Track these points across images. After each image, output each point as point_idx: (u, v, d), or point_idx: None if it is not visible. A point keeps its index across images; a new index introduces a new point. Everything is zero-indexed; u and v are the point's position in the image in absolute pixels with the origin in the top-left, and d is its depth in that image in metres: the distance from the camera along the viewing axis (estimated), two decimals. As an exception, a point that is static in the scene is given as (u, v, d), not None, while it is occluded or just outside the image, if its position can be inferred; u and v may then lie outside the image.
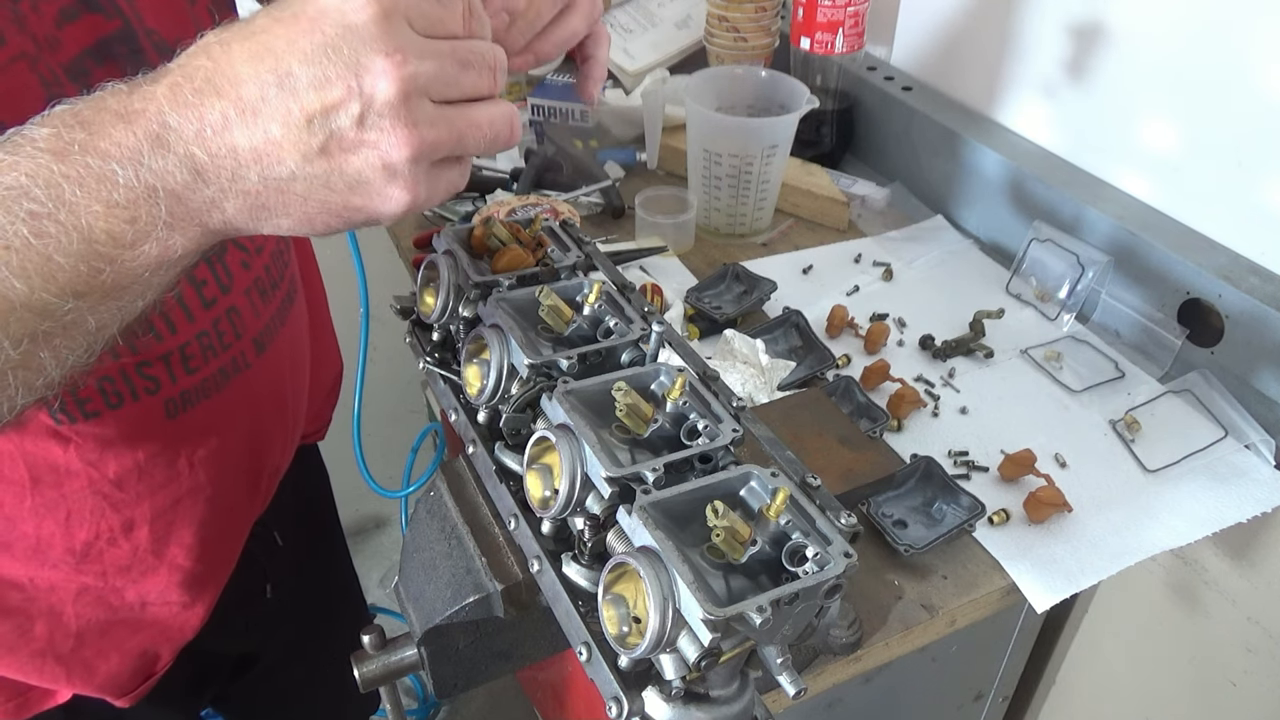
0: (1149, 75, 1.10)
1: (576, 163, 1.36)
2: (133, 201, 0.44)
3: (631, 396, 0.59)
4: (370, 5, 0.44)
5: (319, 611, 1.12)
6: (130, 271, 0.46)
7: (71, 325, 0.46)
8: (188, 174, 0.45)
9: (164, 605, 0.81)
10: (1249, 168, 1.02)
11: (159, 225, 0.45)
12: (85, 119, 0.44)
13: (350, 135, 0.45)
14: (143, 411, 0.71)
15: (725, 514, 0.51)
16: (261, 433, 0.85)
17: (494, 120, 0.50)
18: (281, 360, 0.84)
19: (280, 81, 0.44)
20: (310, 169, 0.46)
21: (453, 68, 0.47)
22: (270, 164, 0.45)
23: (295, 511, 0.98)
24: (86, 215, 0.44)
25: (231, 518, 0.85)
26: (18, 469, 0.69)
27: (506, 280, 0.71)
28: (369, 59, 0.44)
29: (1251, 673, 1.08)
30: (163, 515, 0.76)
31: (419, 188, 0.48)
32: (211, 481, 0.79)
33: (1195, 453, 0.98)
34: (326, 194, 0.47)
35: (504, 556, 0.67)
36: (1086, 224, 1.15)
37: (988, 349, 1.11)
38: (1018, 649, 1.12)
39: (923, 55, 1.42)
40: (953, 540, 0.87)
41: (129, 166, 0.44)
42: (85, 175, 0.44)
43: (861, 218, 1.36)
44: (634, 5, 1.60)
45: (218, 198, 0.46)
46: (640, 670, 0.54)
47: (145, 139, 0.44)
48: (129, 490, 0.74)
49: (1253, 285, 1.00)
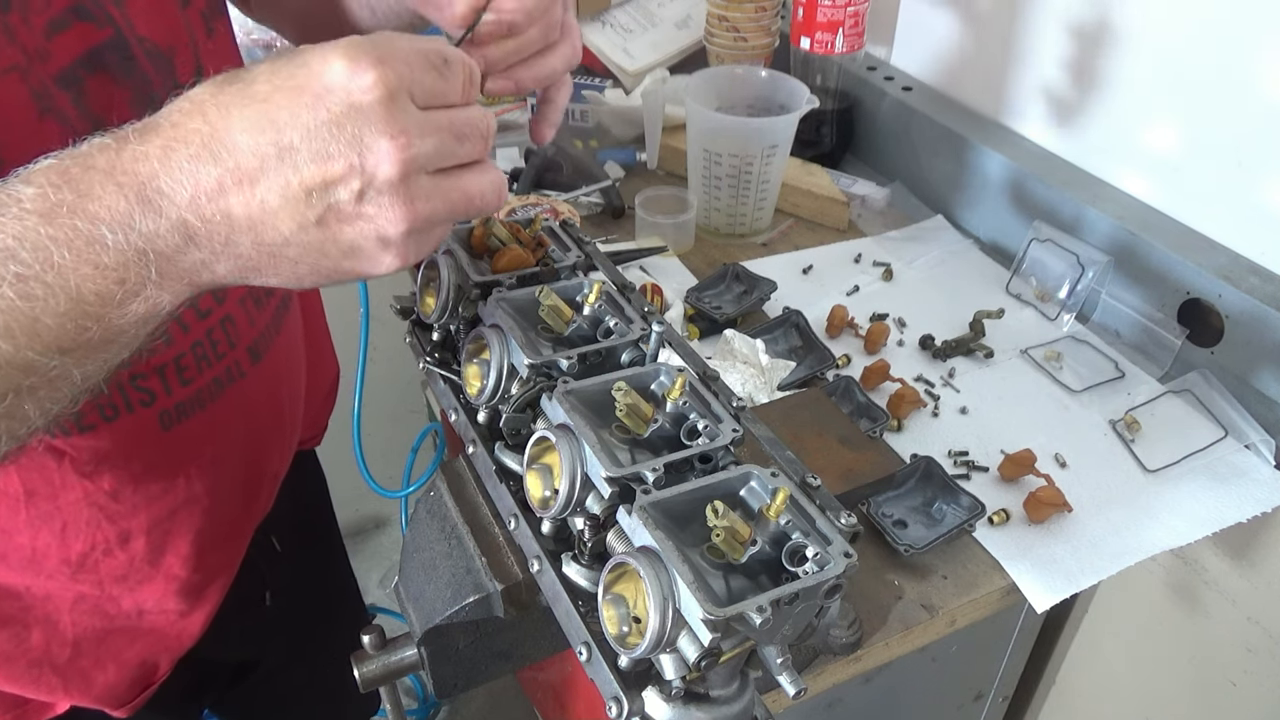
0: (1149, 75, 1.10)
1: (576, 163, 1.36)
2: (122, 264, 0.44)
3: (631, 396, 0.59)
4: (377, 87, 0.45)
5: (318, 615, 1.12)
6: (117, 327, 0.46)
7: (57, 379, 0.46)
8: (179, 238, 0.45)
9: (161, 614, 0.80)
10: (1249, 168, 1.02)
11: (148, 285, 0.45)
12: (73, 178, 0.44)
13: (348, 209, 0.46)
14: (138, 424, 0.70)
15: (725, 514, 0.51)
16: (258, 441, 0.84)
17: (484, 192, 0.50)
18: (277, 368, 0.83)
19: (281, 154, 0.44)
20: (305, 237, 0.46)
21: (451, 142, 0.48)
22: (264, 231, 0.45)
23: (294, 517, 0.97)
24: (75, 277, 0.43)
25: (229, 526, 0.84)
26: (12, 482, 0.68)
27: (506, 280, 0.71)
28: (373, 140, 0.45)
29: (1251, 673, 1.08)
30: (159, 525, 0.76)
31: (409, 253, 0.48)
32: (208, 491, 0.78)
33: (1195, 453, 0.98)
34: (319, 259, 0.47)
35: (504, 556, 0.67)
36: (1086, 224, 1.15)
37: (988, 349, 1.11)
38: (1018, 649, 1.12)
39: (923, 55, 1.42)
40: (953, 540, 0.87)
41: (119, 230, 0.44)
42: (74, 238, 0.43)
43: (861, 218, 1.36)
44: (634, 5, 1.60)
45: (209, 260, 0.46)
46: (640, 670, 0.54)
47: (136, 202, 0.44)
48: (125, 502, 0.73)
49: (1253, 285, 1.00)
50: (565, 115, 1.46)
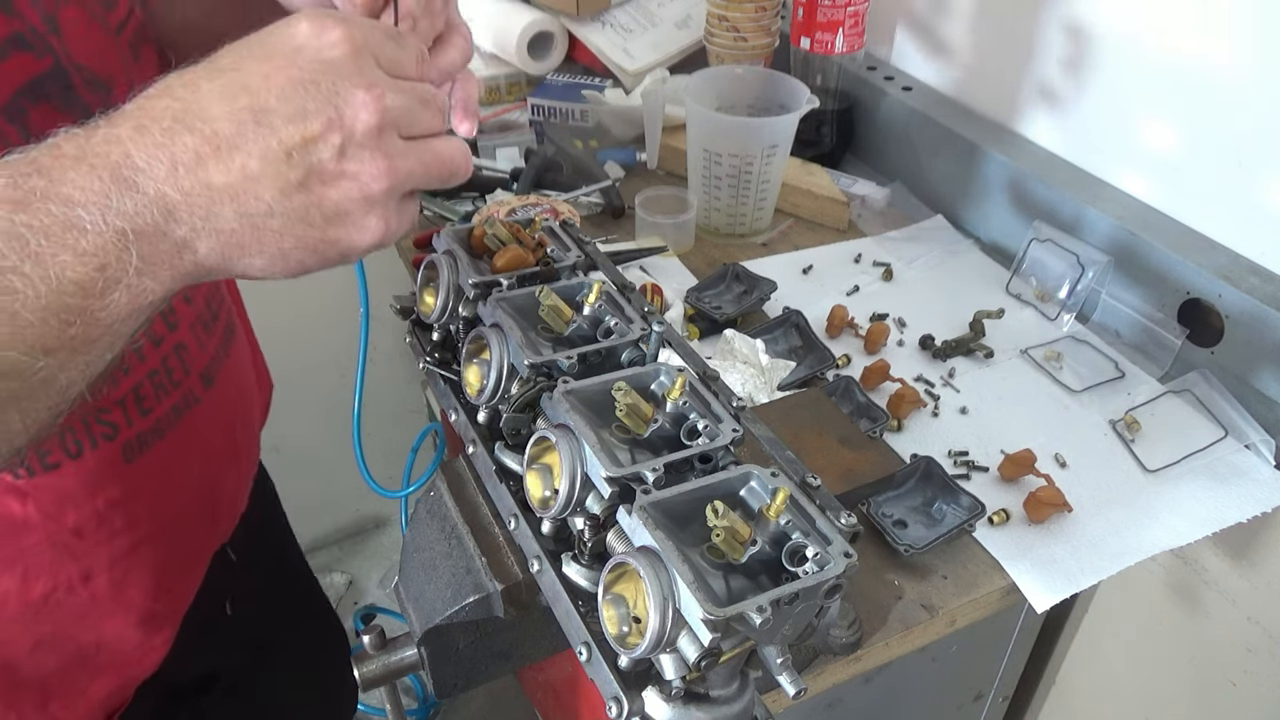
0: (1149, 75, 1.10)
1: (576, 163, 1.36)
2: (101, 248, 0.42)
3: (631, 396, 0.59)
4: (345, 42, 0.45)
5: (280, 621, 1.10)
6: (100, 322, 0.44)
7: (40, 385, 0.44)
8: (159, 214, 0.43)
9: (121, 645, 0.79)
10: (1249, 168, 1.02)
11: (129, 271, 0.43)
12: (42, 166, 0.43)
13: (330, 167, 0.45)
14: (101, 459, 0.69)
15: (725, 514, 0.52)
16: (215, 467, 0.83)
17: (454, 155, 0.51)
18: (229, 391, 0.83)
19: (257, 117, 0.44)
20: (289, 203, 0.45)
21: (417, 105, 0.49)
22: (247, 200, 0.44)
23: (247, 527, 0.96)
24: (54, 265, 0.42)
25: (189, 555, 0.83)
26: None
27: (506, 280, 0.71)
28: (349, 92, 0.45)
29: (1251, 673, 1.08)
30: (121, 561, 0.74)
31: (391, 219, 0.49)
32: (169, 522, 0.77)
33: (1195, 453, 0.98)
34: (304, 229, 0.46)
35: (504, 556, 0.67)
36: (1086, 224, 1.15)
37: (988, 349, 1.11)
38: (1018, 649, 1.12)
39: (923, 55, 1.42)
40: (953, 540, 0.87)
41: (95, 211, 0.42)
42: (50, 224, 0.41)
43: (861, 218, 1.36)
44: (634, 5, 1.60)
45: (190, 238, 0.45)
46: (640, 670, 0.54)
47: (112, 182, 0.43)
48: (88, 539, 0.71)
49: (1253, 285, 1.00)
50: (565, 115, 1.47)
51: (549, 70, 1.58)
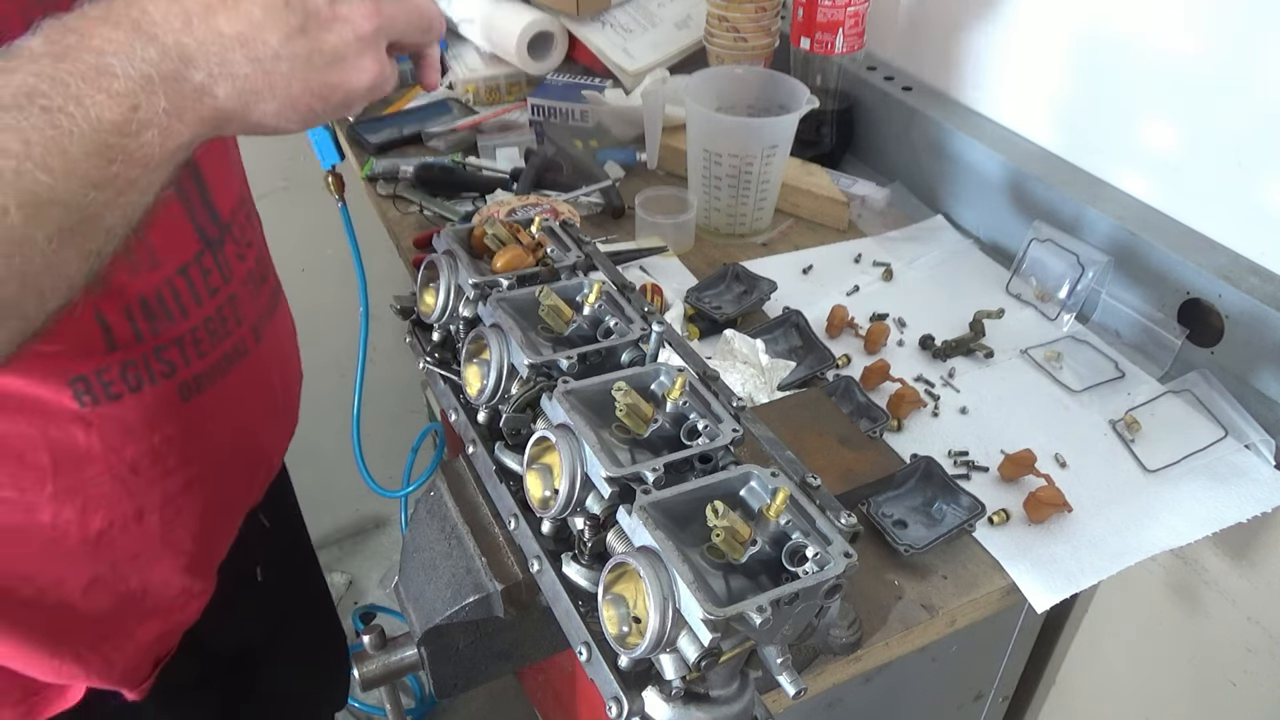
0: (1149, 75, 1.10)
1: (576, 163, 1.36)
2: (131, 91, 0.48)
3: (631, 396, 0.59)
4: None
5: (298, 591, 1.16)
6: (137, 161, 0.49)
7: (91, 220, 0.49)
8: (178, 61, 0.49)
9: (166, 590, 0.83)
10: (1249, 168, 1.02)
11: (159, 112, 0.49)
12: (72, 27, 0.48)
13: (325, 12, 0.51)
14: (159, 395, 0.75)
15: (725, 514, 0.52)
16: (258, 420, 0.89)
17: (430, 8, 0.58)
18: (275, 351, 0.89)
19: None
20: (292, 47, 0.51)
21: None
22: (255, 45, 0.50)
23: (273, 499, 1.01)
24: (93, 106, 0.47)
25: (231, 502, 0.88)
26: (40, 455, 0.71)
27: (506, 280, 0.71)
28: None
29: (1251, 673, 1.08)
30: (172, 501, 0.79)
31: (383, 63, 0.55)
32: (217, 467, 0.82)
33: (1195, 453, 0.98)
34: (308, 72, 0.52)
35: (504, 556, 0.67)
36: (1086, 224, 1.15)
37: (988, 349, 1.11)
38: (1018, 649, 1.12)
39: (923, 55, 1.42)
40: (953, 540, 0.87)
41: (122, 58, 0.48)
42: (85, 70, 0.47)
43: (861, 218, 1.36)
44: (634, 5, 1.60)
45: (208, 83, 0.50)
46: (640, 670, 0.54)
47: (133, 34, 0.48)
48: (144, 475, 0.76)
49: (1253, 285, 1.00)
50: (565, 115, 1.47)
51: (549, 70, 1.58)
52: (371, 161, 1.40)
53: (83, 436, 0.72)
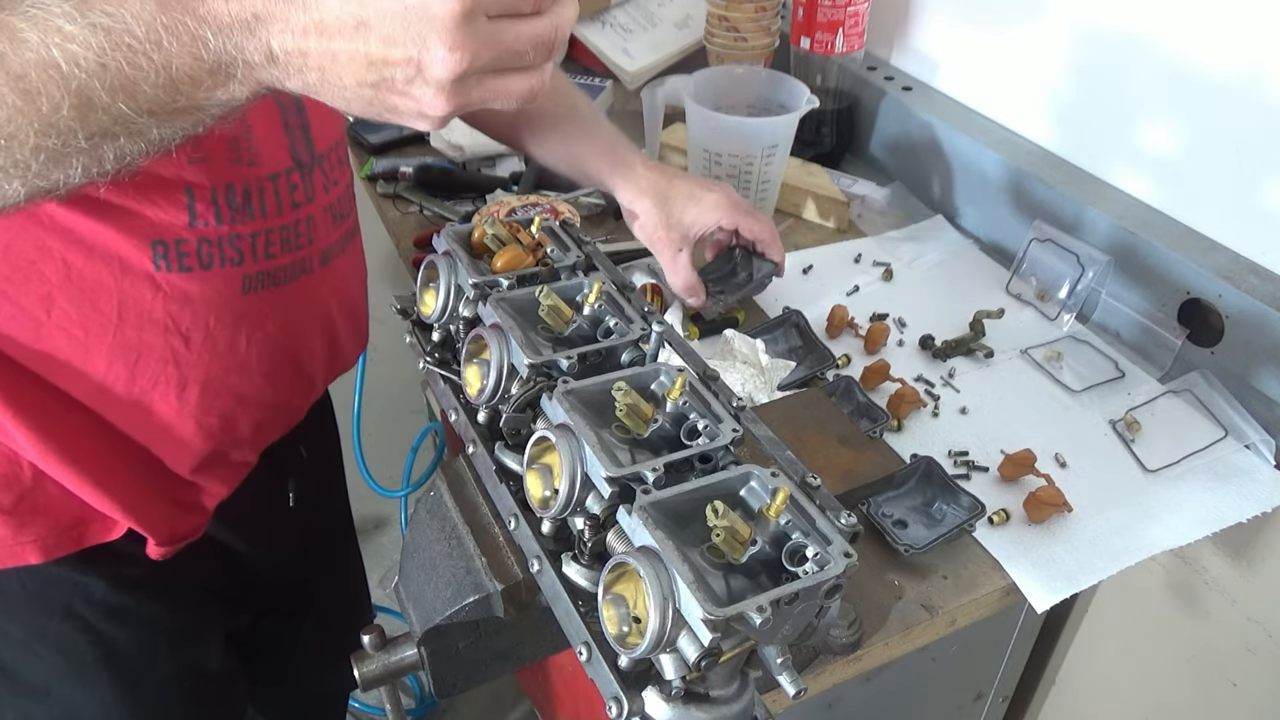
0: (1149, 75, 1.10)
1: (576, 163, 1.35)
2: (216, 64, 0.53)
3: (631, 396, 0.59)
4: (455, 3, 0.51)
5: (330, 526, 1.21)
6: (200, 104, 0.55)
7: (138, 133, 0.54)
8: (264, 57, 0.53)
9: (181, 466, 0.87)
10: (1249, 168, 1.02)
11: (233, 82, 0.54)
12: None
13: (399, 87, 0.54)
14: (223, 279, 0.80)
15: (725, 514, 0.52)
16: (308, 341, 0.92)
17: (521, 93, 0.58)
18: (339, 279, 0.92)
19: (357, 26, 0.52)
20: (361, 91, 0.55)
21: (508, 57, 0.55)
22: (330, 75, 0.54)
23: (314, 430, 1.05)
24: (176, 62, 0.52)
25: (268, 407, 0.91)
26: (111, 304, 0.76)
27: (506, 280, 0.71)
28: (435, 45, 0.52)
29: (1251, 673, 1.08)
30: (212, 384, 0.84)
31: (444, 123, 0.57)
32: (260, 365, 0.86)
33: (1195, 453, 0.98)
34: (367, 106, 0.56)
35: (504, 556, 0.67)
36: (1086, 224, 1.15)
37: (988, 349, 1.11)
38: (1018, 649, 1.12)
39: (923, 55, 1.42)
40: (953, 540, 0.87)
41: (220, 37, 0.52)
42: (181, 31, 0.51)
43: (861, 218, 1.36)
44: (634, 5, 1.60)
45: (282, 77, 0.55)
46: (640, 670, 0.54)
47: (238, 20, 0.52)
48: (194, 351, 0.81)
49: (1253, 285, 1.00)
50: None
51: (551, 67, 1.58)
52: (371, 161, 1.40)
53: (150, 298, 0.77)
